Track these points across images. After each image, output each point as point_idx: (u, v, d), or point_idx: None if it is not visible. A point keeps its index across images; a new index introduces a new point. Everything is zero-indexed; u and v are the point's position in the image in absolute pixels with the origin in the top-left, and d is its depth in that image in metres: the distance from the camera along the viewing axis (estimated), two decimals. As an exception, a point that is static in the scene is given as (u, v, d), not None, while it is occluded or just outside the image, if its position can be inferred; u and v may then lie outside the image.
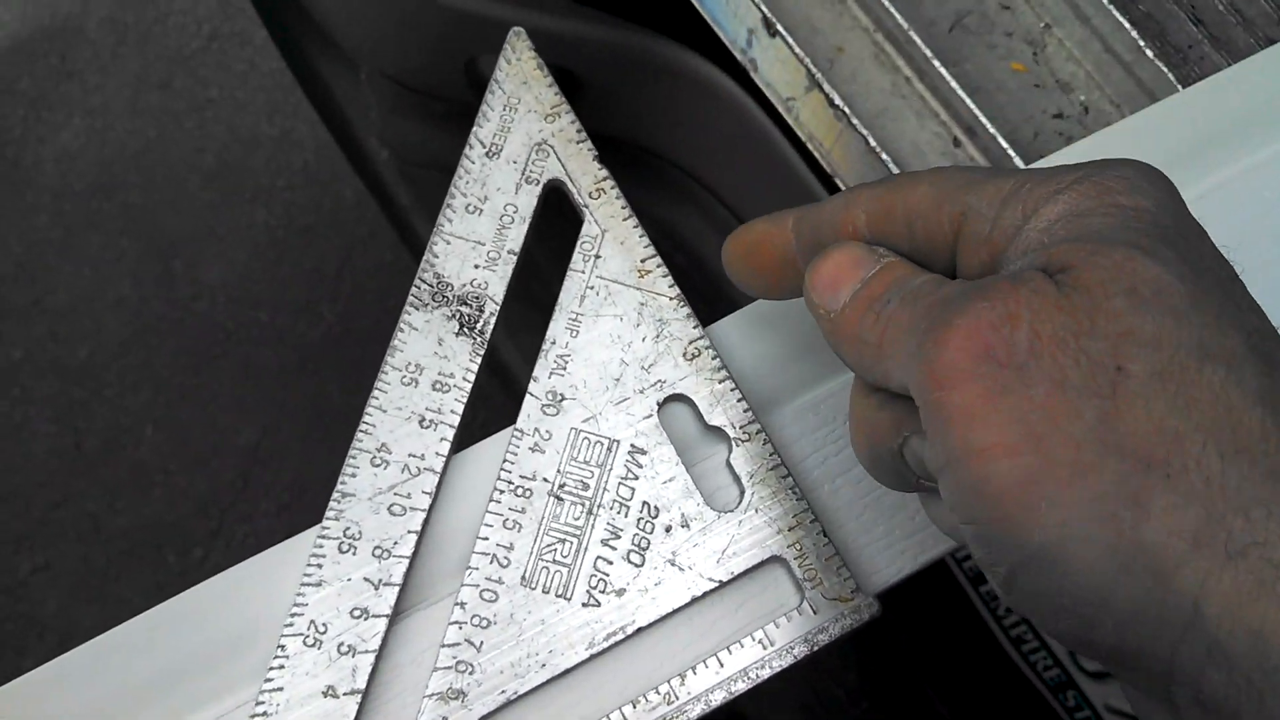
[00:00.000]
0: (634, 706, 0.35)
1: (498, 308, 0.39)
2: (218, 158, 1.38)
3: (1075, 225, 0.28)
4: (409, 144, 0.77)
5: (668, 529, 0.37)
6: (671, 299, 0.39)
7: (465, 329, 0.39)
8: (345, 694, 0.34)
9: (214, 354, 1.31)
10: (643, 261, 0.40)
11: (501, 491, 0.37)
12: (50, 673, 0.35)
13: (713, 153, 0.73)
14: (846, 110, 0.48)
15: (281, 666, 0.35)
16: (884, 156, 0.47)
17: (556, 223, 0.43)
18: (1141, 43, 0.48)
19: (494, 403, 0.39)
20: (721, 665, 0.35)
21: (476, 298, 0.39)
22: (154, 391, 1.29)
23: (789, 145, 0.62)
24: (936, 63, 0.47)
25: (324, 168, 1.37)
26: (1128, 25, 0.48)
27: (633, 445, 0.38)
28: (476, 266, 0.40)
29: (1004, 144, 0.46)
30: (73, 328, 1.31)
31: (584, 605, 0.36)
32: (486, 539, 0.36)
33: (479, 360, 0.38)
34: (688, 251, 0.79)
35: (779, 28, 0.48)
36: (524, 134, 0.41)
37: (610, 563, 0.36)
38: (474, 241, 0.40)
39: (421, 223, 0.77)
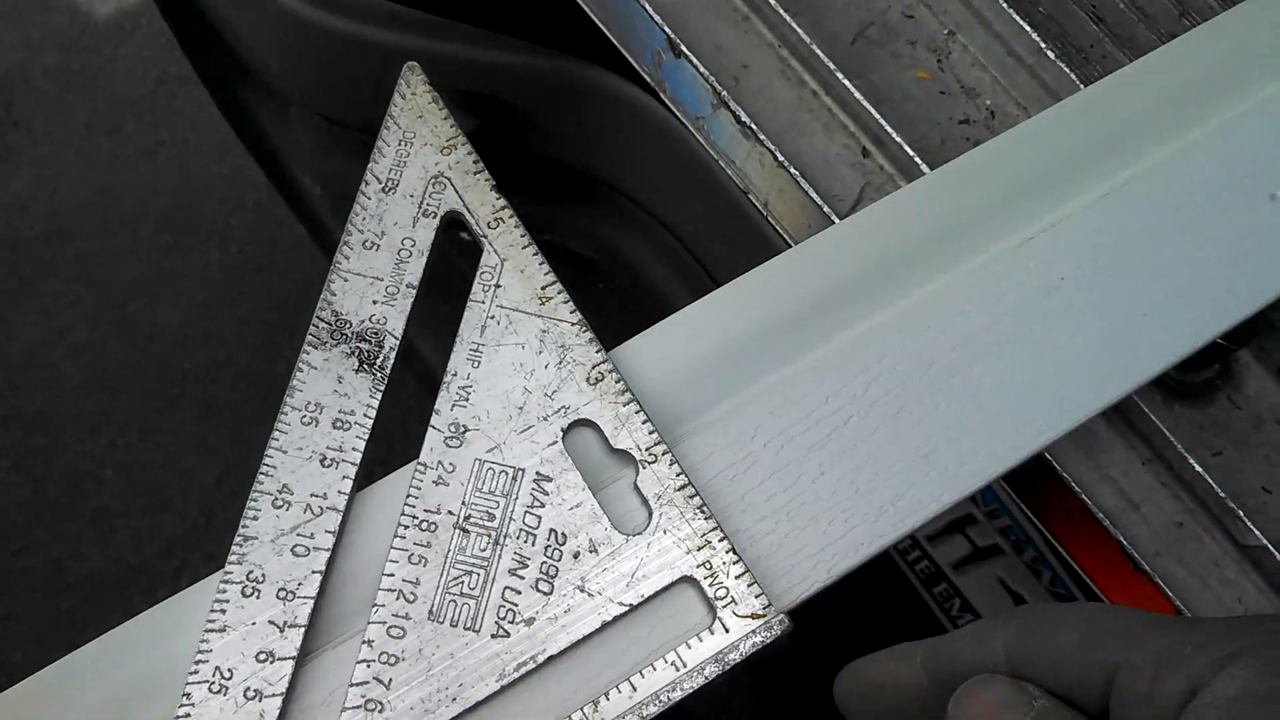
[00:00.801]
0: (544, 737, 0.34)
1: (397, 342, 0.39)
2: (170, 199, 1.38)
3: (1260, 710, 0.27)
4: (341, 178, 0.77)
5: (576, 555, 0.36)
6: (573, 324, 0.39)
7: (365, 366, 0.38)
8: (252, 740, 0.34)
9: (173, 394, 1.30)
10: (543, 289, 0.40)
11: (406, 527, 0.37)
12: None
13: (647, 173, 0.73)
14: (754, 126, 0.48)
15: (187, 715, 0.34)
16: (793, 171, 0.47)
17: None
18: (1043, 45, 0.48)
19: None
20: (634, 689, 0.35)
21: (375, 333, 0.39)
22: (114, 435, 1.28)
23: (716, 162, 0.62)
24: (841, 75, 0.48)
25: (278, 205, 1.36)
26: (1029, 28, 0.48)
27: (538, 473, 0.37)
28: (375, 302, 0.39)
29: (911, 152, 0.47)
30: (30, 376, 1.30)
31: (493, 636, 0.35)
32: (392, 575, 0.36)
33: (379, 396, 0.38)
34: (629, 270, 0.79)
35: (683, 48, 0.49)
36: (420, 167, 0.41)
37: (519, 592, 0.36)
38: (372, 277, 0.40)
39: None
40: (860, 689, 0.35)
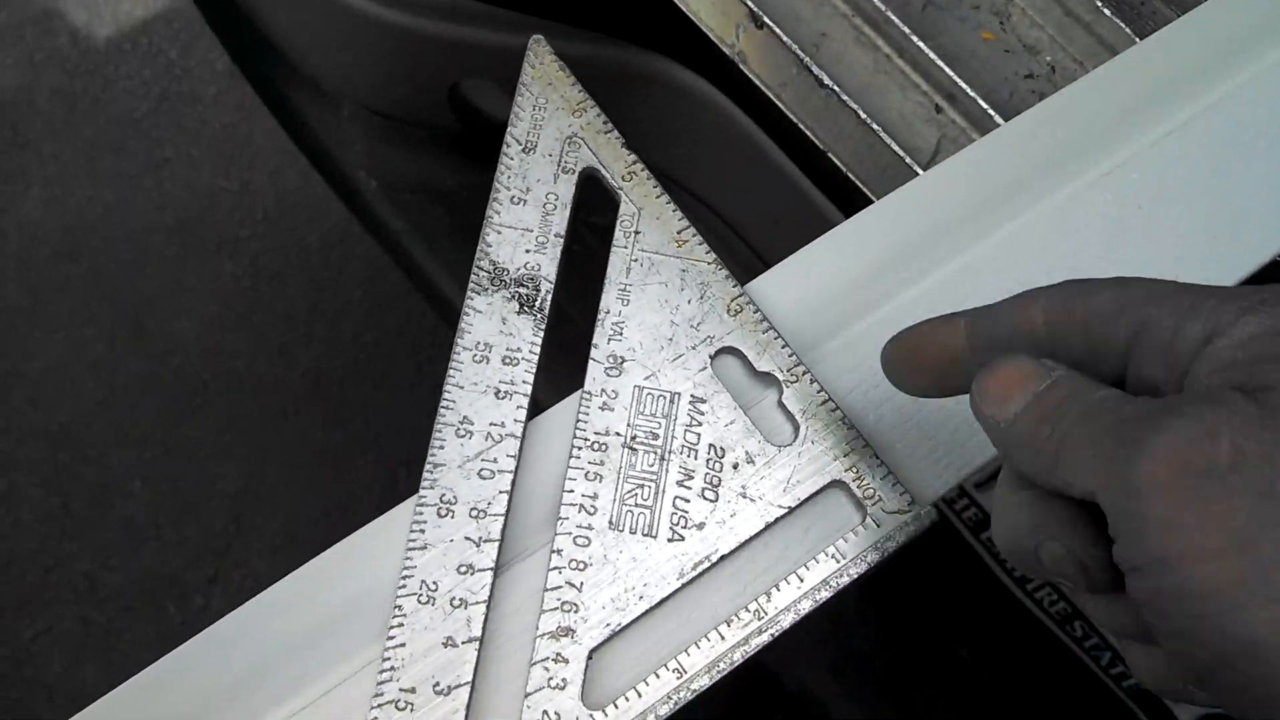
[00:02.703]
0: (728, 625, 0.38)
1: (552, 286, 0.42)
2: (178, 215, 1.40)
3: (1273, 344, 0.29)
4: (397, 172, 0.80)
5: (735, 466, 0.40)
6: (710, 263, 0.43)
7: (525, 307, 0.42)
8: (464, 642, 0.37)
9: (194, 405, 1.32)
10: (679, 233, 0.43)
11: (579, 448, 0.40)
12: (175, 661, 0.37)
13: (698, 158, 0.77)
14: (836, 88, 0.52)
15: (401, 624, 0.37)
16: (874, 126, 0.51)
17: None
18: (1099, 2, 0.52)
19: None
20: (801, 580, 0.39)
21: (532, 279, 0.42)
22: (138, 448, 1.30)
23: (775, 147, 0.66)
24: (915, 38, 0.52)
25: (285, 215, 1.39)
26: (1081, -11, 0.53)
27: (693, 395, 0.41)
28: (528, 251, 0.43)
29: (984, 105, 0.51)
30: (51, 393, 1.31)
31: (669, 540, 0.39)
32: (572, 491, 0.39)
33: (541, 334, 0.42)
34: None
35: (766, 20, 0.53)
36: (555, 129, 0.45)
37: (688, 501, 0.39)
38: (522, 229, 0.43)
39: (416, 246, 0.80)
40: (904, 348, 0.36)
